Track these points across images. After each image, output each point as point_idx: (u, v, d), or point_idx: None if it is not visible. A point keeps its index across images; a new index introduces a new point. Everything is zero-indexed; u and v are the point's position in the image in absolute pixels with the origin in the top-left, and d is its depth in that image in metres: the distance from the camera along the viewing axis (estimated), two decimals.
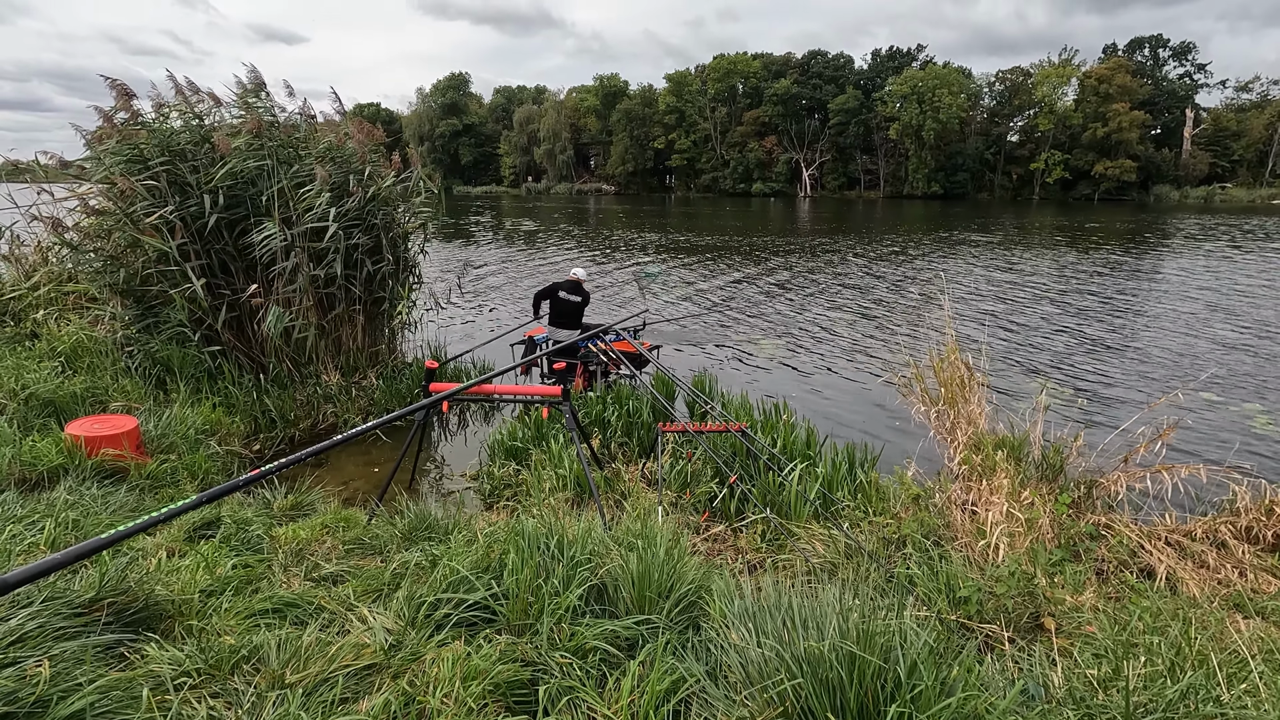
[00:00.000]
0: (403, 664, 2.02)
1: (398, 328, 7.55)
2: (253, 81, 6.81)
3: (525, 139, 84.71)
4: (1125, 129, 56.36)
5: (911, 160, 64.33)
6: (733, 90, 73.68)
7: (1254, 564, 3.38)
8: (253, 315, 6.32)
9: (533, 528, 2.61)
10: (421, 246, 7.65)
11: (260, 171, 6.21)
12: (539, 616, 2.19)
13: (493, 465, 5.18)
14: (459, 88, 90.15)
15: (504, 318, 11.90)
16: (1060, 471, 3.92)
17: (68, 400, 4.92)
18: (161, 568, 2.67)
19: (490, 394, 4.08)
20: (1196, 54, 63.65)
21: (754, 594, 2.24)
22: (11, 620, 1.94)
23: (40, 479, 3.74)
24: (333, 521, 3.53)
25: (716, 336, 10.59)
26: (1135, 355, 9.44)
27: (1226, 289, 14.64)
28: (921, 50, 69.86)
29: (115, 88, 6.20)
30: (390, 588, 2.57)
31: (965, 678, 1.85)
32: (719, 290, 14.88)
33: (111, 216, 6.02)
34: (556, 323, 7.31)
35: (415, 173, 7.48)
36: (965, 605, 2.76)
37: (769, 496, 4.20)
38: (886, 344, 9.94)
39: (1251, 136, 58.07)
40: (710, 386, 6.72)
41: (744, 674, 1.90)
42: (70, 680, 1.79)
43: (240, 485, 2.38)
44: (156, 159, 5.95)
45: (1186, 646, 2.18)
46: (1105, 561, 3.47)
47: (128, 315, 6.05)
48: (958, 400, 4.26)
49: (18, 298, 6.93)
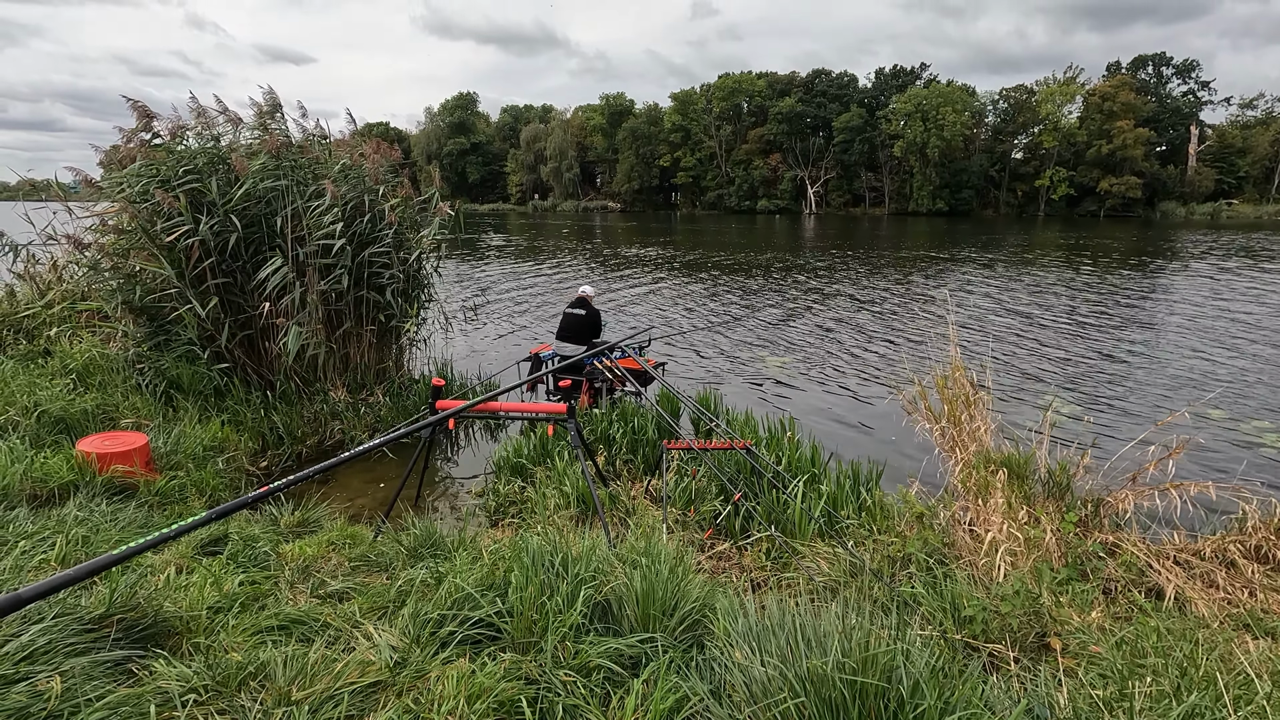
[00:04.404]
0: (408, 681, 2.03)
1: (406, 344, 7.61)
2: (269, 103, 6.95)
3: (532, 157, 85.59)
4: (1130, 146, 56.49)
5: (916, 177, 64.55)
6: (737, 108, 74.32)
7: (1263, 583, 3.35)
8: (265, 333, 6.38)
9: (537, 545, 2.62)
10: (436, 268, 7.74)
11: (276, 191, 6.32)
12: (543, 634, 2.20)
13: (498, 482, 5.19)
14: (467, 107, 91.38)
15: (511, 334, 11.97)
16: (1067, 489, 3.91)
17: (79, 417, 4.97)
18: (170, 584, 2.69)
19: (496, 411, 4.11)
20: (1200, 71, 63.94)
21: (758, 612, 2.24)
22: (24, 635, 1.97)
23: (51, 495, 3.78)
24: (339, 538, 3.55)
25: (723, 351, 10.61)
26: (1143, 372, 9.39)
27: (1234, 305, 14.58)
28: (925, 69, 70.40)
29: (136, 109, 6.35)
30: (396, 605, 2.59)
31: (969, 697, 1.85)
32: (724, 307, 14.92)
33: (131, 235, 6.12)
34: (562, 337, 7.36)
35: (434, 194, 7.60)
36: (970, 625, 2.75)
37: (773, 514, 4.20)
38: (891, 361, 9.93)
39: (1257, 153, 58.10)
40: (715, 403, 6.73)
41: (747, 693, 1.91)
42: (81, 696, 1.81)
43: (248, 502, 2.41)
44: (178, 179, 6.07)
45: (1193, 668, 2.16)
46: (1113, 580, 3.44)
47: (140, 333, 6.13)
48: (962, 417, 4.26)
49: (32, 315, 7.02)
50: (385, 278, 6.75)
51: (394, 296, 6.84)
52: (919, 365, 8.19)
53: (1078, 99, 61.23)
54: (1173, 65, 64.66)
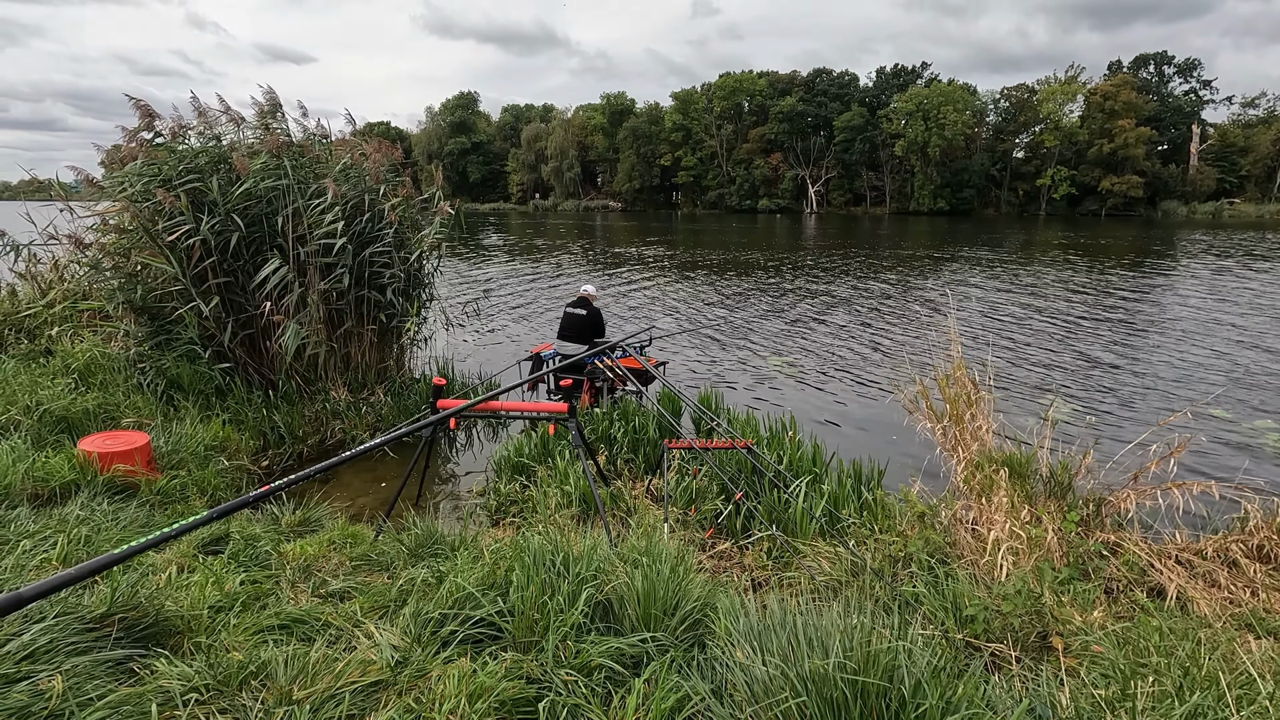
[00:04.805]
0: (409, 681, 2.03)
1: (407, 344, 7.61)
2: (269, 102, 6.95)
3: (533, 156, 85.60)
4: (1131, 145, 56.45)
5: (917, 176, 64.51)
6: (738, 108, 74.29)
7: (1265, 583, 3.34)
8: (265, 332, 6.39)
9: (538, 544, 2.62)
10: (437, 267, 7.73)
11: (277, 191, 6.32)
12: (544, 633, 2.20)
13: (499, 481, 5.19)
14: (467, 106, 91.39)
15: (512, 333, 11.97)
16: (1069, 488, 3.90)
17: (80, 416, 4.97)
18: (171, 583, 2.69)
19: (497, 410, 4.11)
20: (1201, 70, 63.92)
21: (759, 611, 2.24)
22: (25, 635, 1.97)
23: (53, 494, 3.78)
24: (340, 538, 3.54)
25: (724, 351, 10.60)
26: (1145, 371, 9.38)
27: (1236, 305, 14.56)
28: (926, 68, 70.39)
29: (139, 108, 6.35)
30: (397, 604, 2.59)
31: (971, 697, 1.85)
32: (726, 306, 14.92)
33: (132, 235, 6.13)
34: (564, 336, 7.36)
35: (436, 193, 7.59)
36: (971, 624, 2.75)
37: (775, 513, 4.20)
38: (893, 360, 9.92)
39: (1259, 152, 58.01)
40: (716, 403, 6.72)
41: (749, 692, 1.90)
42: (82, 695, 1.81)
43: (249, 501, 2.41)
44: (178, 179, 6.07)
45: (1195, 667, 2.16)
46: (1115, 580, 3.44)
47: (141, 332, 6.14)
48: (963, 416, 4.26)
49: (33, 315, 7.03)
50: (386, 277, 6.75)
51: (395, 296, 6.84)
52: (920, 364, 8.18)
53: (1079, 98, 61.18)
54: (1174, 64, 64.62)
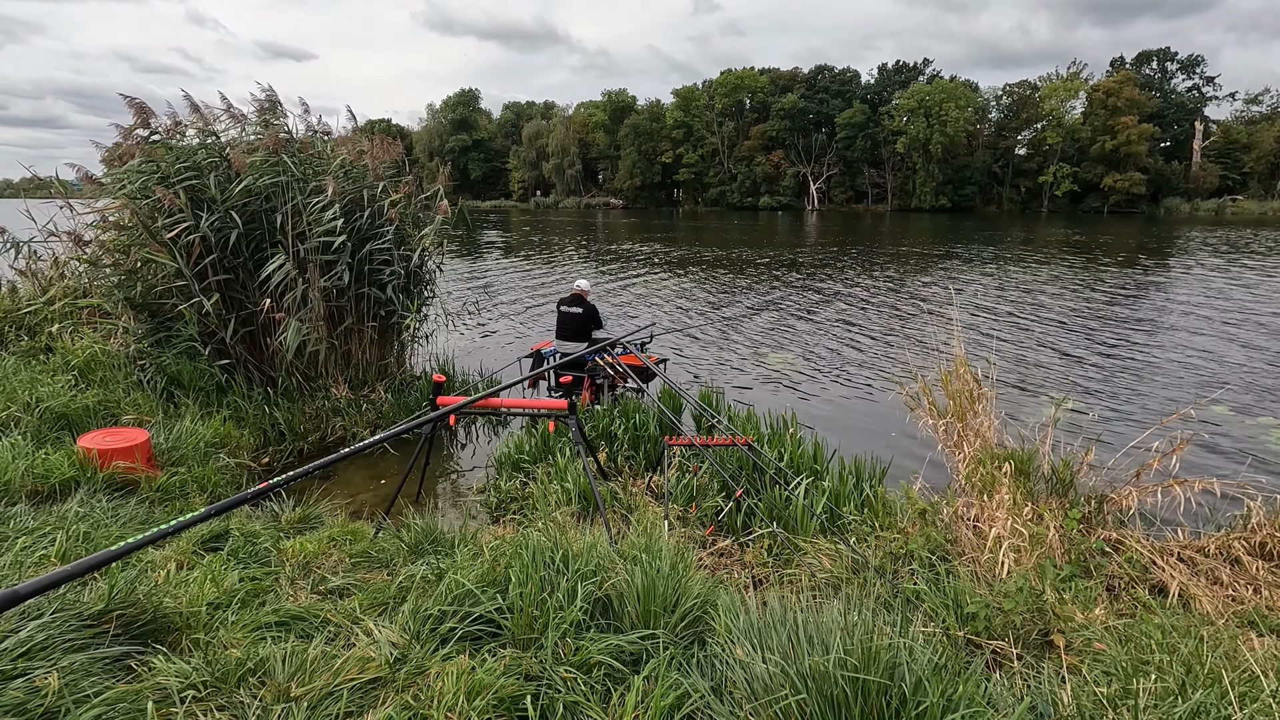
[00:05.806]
0: (408, 678, 2.03)
1: (407, 341, 7.60)
2: (269, 99, 6.93)
3: (534, 154, 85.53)
4: (1134, 142, 56.25)
5: (919, 174, 64.39)
6: (740, 105, 74.16)
7: (1268, 580, 3.33)
8: (266, 329, 6.38)
9: (538, 541, 2.61)
10: (439, 264, 7.72)
11: (276, 187, 6.30)
12: (544, 631, 2.19)
13: (499, 478, 5.18)
14: (469, 103, 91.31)
15: (512, 330, 11.96)
16: (1071, 486, 3.89)
17: (80, 413, 4.97)
18: (170, 580, 2.69)
19: (497, 407, 4.11)
20: (1205, 67, 63.72)
21: (759, 609, 2.23)
22: (22, 631, 1.96)
23: (52, 491, 3.78)
24: (339, 535, 3.54)
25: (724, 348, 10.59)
26: (1147, 369, 9.36)
27: (1239, 302, 14.52)
28: (928, 65, 70.23)
29: (134, 106, 6.33)
30: (396, 601, 2.58)
31: (972, 694, 1.84)
32: (726, 303, 14.90)
33: (131, 232, 6.12)
34: (562, 336, 7.35)
35: (439, 190, 7.58)
36: (973, 622, 2.74)
37: (775, 510, 4.19)
38: (894, 357, 9.91)
39: (1262, 149, 57.79)
40: (717, 400, 6.71)
41: (749, 690, 1.90)
42: (79, 692, 1.80)
43: (248, 498, 2.40)
44: (177, 176, 6.06)
45: (1198, 665, 2.15)
46: (1116, 577, 3.42)
47: (141, 329, 6.13)
48: (965, 414, 4.24)
49: (34, 312, 7.03)
50: (386, 274, 6.74)
51: (395, 293, 6.84)
52: (922, 361, 8.16)
53: (1081, 95, 60.97)
54: (1177, 60, 64.40)
